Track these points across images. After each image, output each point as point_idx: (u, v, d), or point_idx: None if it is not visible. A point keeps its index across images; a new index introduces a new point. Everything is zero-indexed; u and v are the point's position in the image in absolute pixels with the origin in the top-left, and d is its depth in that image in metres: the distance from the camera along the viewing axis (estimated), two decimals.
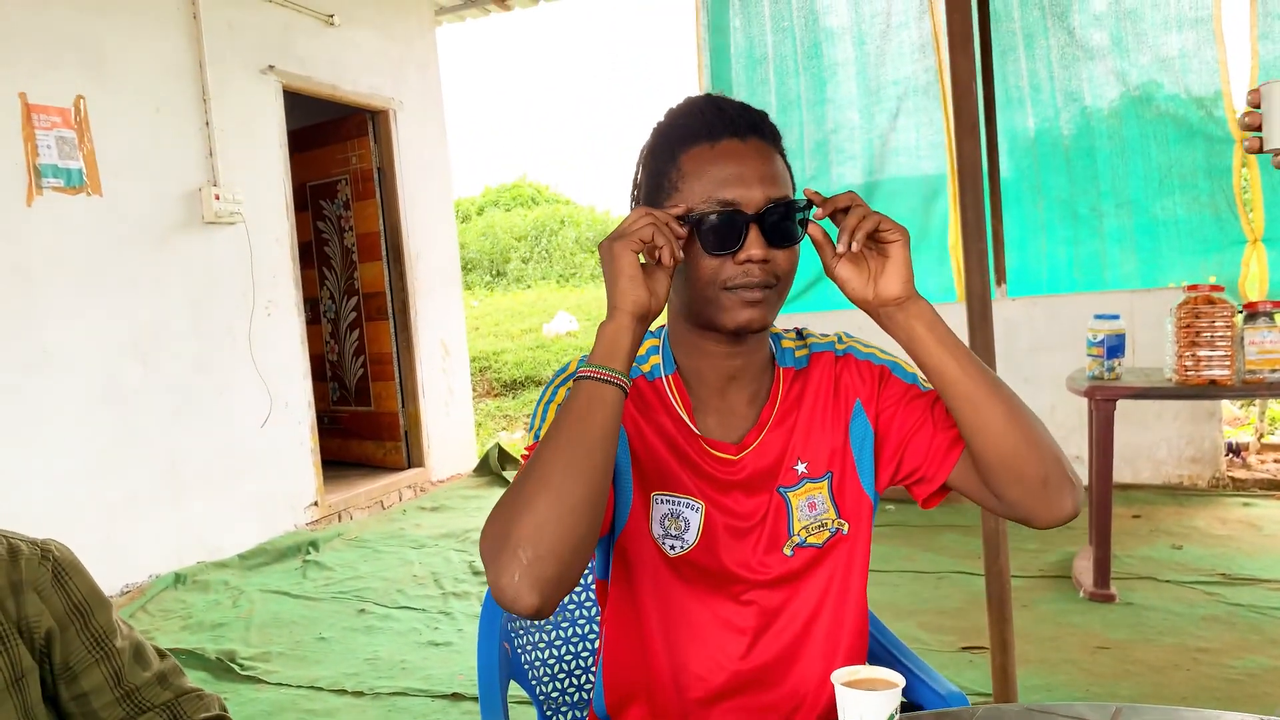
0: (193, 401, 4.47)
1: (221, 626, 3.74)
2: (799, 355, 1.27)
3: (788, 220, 1.10)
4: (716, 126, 1.11)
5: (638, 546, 1.20)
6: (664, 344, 1.25)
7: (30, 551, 1.07)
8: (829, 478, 1.22)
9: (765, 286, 1.11)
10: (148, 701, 1.11)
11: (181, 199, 4.43)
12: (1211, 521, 4.25)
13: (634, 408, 1.20)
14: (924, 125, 5.04)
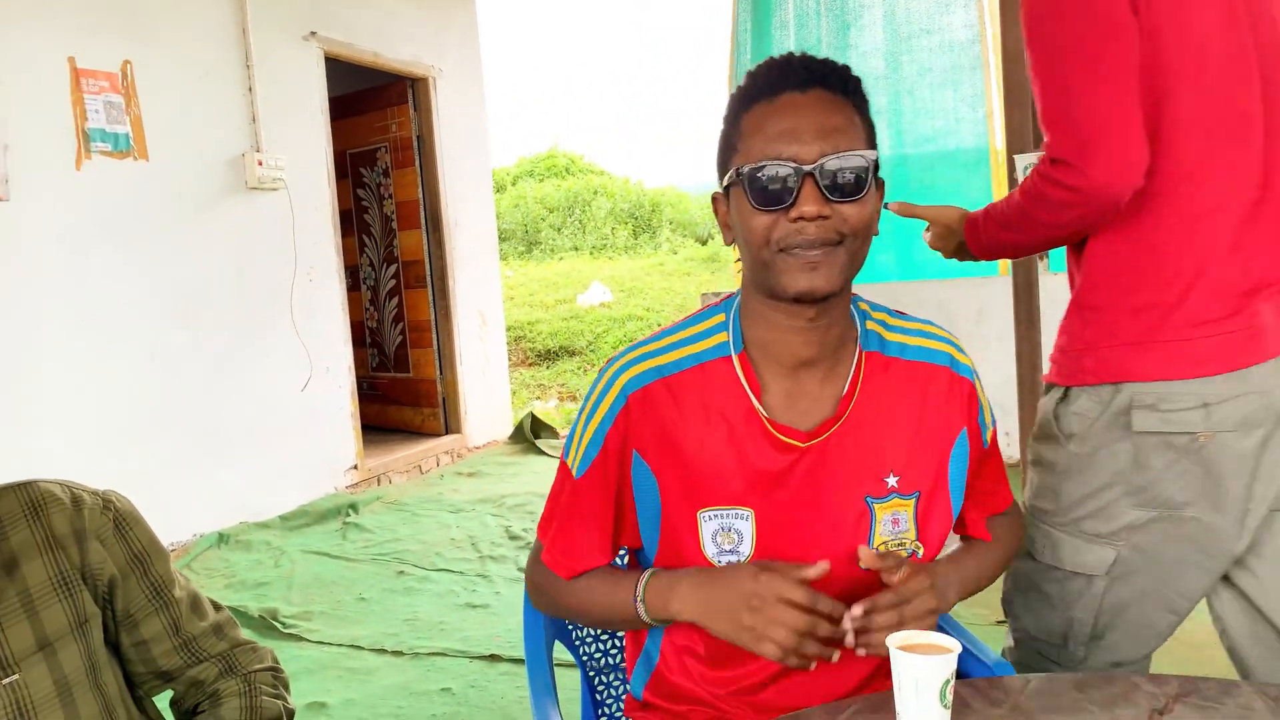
0: (236, 365, 4.54)
1: (264, 585, 3.82)
2: (892, 340, 1.18)
3: (851, 172, 1.03)
4: (778, 81, 1.06)
5: (688, 565, 1.15)
6: (733, 318, 1.17)
7: (92, 501, 1.09)
8: (916, 497, 1.15)
9: (825, 245, 1.03)
10: (204, 651, 1.14)
11: (225, 165, 4.47)
12: None
13: (659, 416, 1.13)
14: (964, 87, 4.81)
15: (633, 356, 1.16)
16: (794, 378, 1.13)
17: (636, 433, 1.13)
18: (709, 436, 1.12)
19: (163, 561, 1.14)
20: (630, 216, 13.83)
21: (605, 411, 1.14)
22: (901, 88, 4.85)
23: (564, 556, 1.19)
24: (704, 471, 1.12)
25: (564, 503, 1.19)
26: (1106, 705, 0.91)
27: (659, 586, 1.09)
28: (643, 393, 1.13)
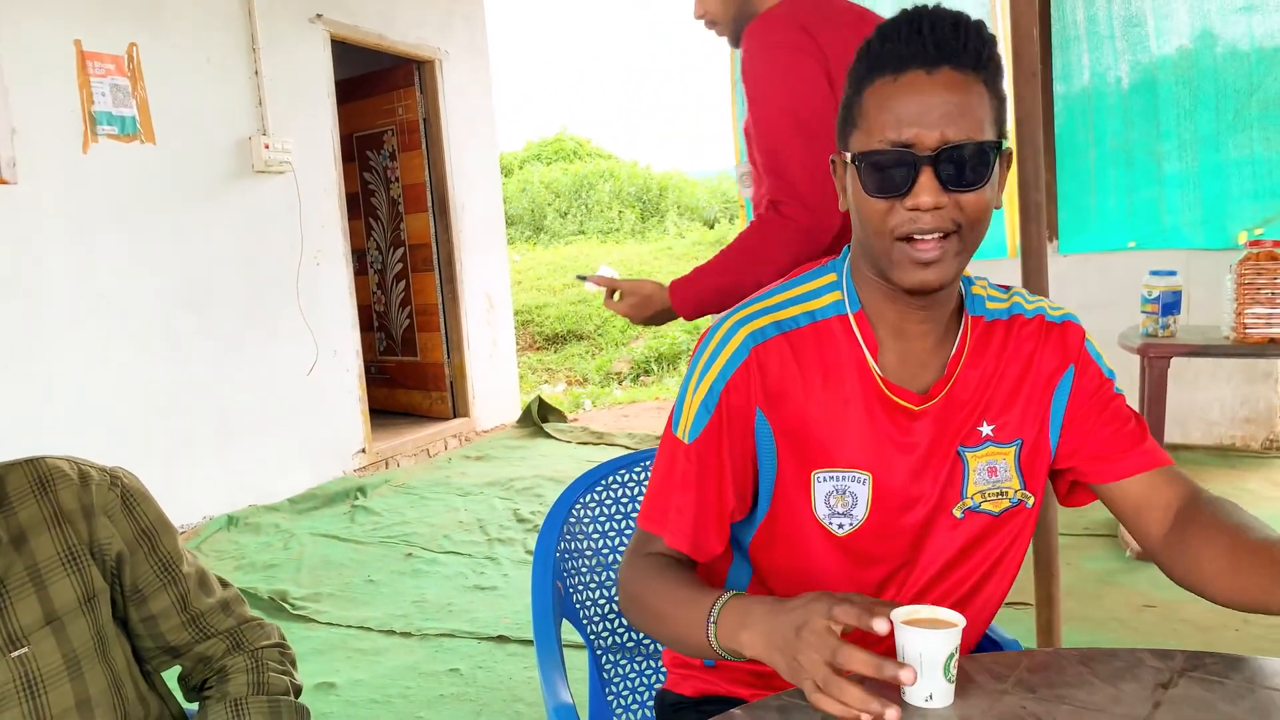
0: (244, 349, 4.55)
1: (273, 567, 3.84)
2: (994, 307, 1.17)
3: (971, 161, 0.99)
4: (905, 55, 1.00)
5: (799, 530, 1.14)
6: (846, 277, 1.14)
7: (100, 477, 1.10)
8: (1018, 444, 1.13)
9: (942, 235, 1.01)
10: (212, 627, 1.15)
11: (232, 148, 4.47)
12: (1263, 484, 4.18)
13: (780, 373, 1.10)
14: None
15: (750, 311, 1.13)
16: (907, 342, 1.11)
17: (760, 387, 1.10)
18: (828, 395, 1.10)
19: (170, 537, 1.15)
20: (637, 200, 13.78)
21: (722, 365, 1.10)
22: None
23: (688, 532, 1.12)
24: (821, 431, 1.10)
25: (679, 475, 1.13)
26: (1111, 679, 0.91)
27: (734, 613, 0.97)
28: (764, 346, 1.10)
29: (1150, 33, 4.38)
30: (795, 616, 0.89)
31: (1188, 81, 4.32)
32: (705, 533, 1.13)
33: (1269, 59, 4.13)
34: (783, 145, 1.69)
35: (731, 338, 1.11)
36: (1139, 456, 1.12)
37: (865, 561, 1.14)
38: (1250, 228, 4.20)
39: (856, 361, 1.10)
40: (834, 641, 0.86)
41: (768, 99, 1.72)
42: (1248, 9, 4.12)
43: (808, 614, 0.88)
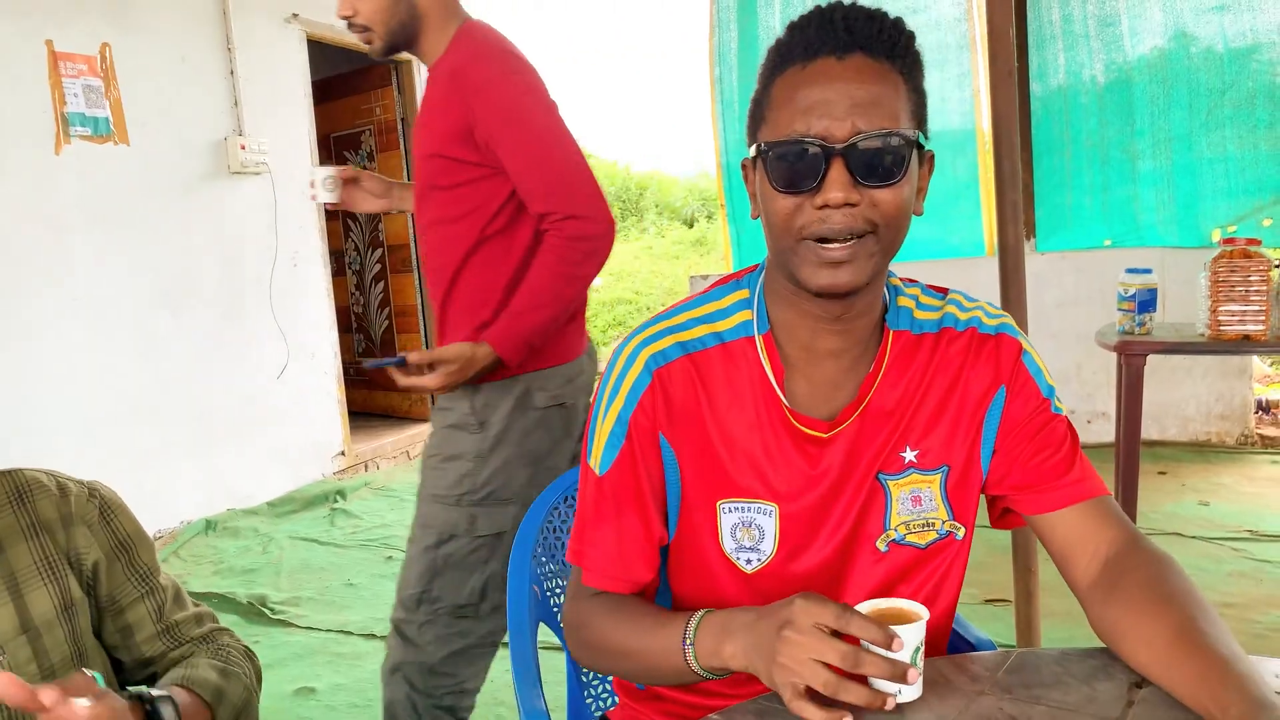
0: (221, 351, 4.51)
1: (252, 572, 3.81)
2: (923, 318, 1.08)
3: (886, 154, 0.91)
4: (815, 42, 0.93)
5: (706, 563, 1.08)
6: (758, 295, 1.07)
7: (78, 489, 1.09)
8: (944, 472, 1.06)
9: (854, 236, 0.93)
10: (184, 635, 1.15)
11: (207, 149, 4.43)
12: (1239, 479, 4.22)
13: (683, 397, 1.04)
14: (950, 69, 4.82)
15: (654, 330, 1.07)
16: (818, 364, 1.04)
17: (664, 411, 1.04)
18: (732, 422, 1.04)
19: (148, 550, 1.14)
20: (616, 200, 13.78)
21: (627, 391, 1.05)
22: None
23: (612, 567, 1.07)
24: (726, 458, 1.04)
25: (593, 508, 1.08)
26: (1086, 679, 0.92)
27: (712, 628, 0.93)
28: (668, 369, 1.04)
29: (1124, 32, 4.40)
30: (779, 617, 0.86)
31: (1161, 80, 4.33)
32: (630, 563, 1.07)
33: (1241, 58, 4.15)
34: (555, 158, 1.75)
35: (635, 360, 1.06)
36: (1068, 488, 1.04)
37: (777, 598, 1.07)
38: (1224, 225, 4.23)
39: (763, 387, 1.04)
40: (821, 638, 0.83)
41: (531, 115, 1.75)
42: (1220, 9, 4.15)
43: (793, 613, 0.85)
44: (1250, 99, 4.14)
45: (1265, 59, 4.05)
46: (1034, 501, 1.05)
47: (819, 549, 1.06)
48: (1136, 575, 0.96)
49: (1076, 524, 1.03)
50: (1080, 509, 1.03)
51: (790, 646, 0.84)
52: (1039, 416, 1.06)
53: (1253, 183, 4.20)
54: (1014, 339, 1.08)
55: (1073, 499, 1.04)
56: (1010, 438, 1.06)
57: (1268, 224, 4.07)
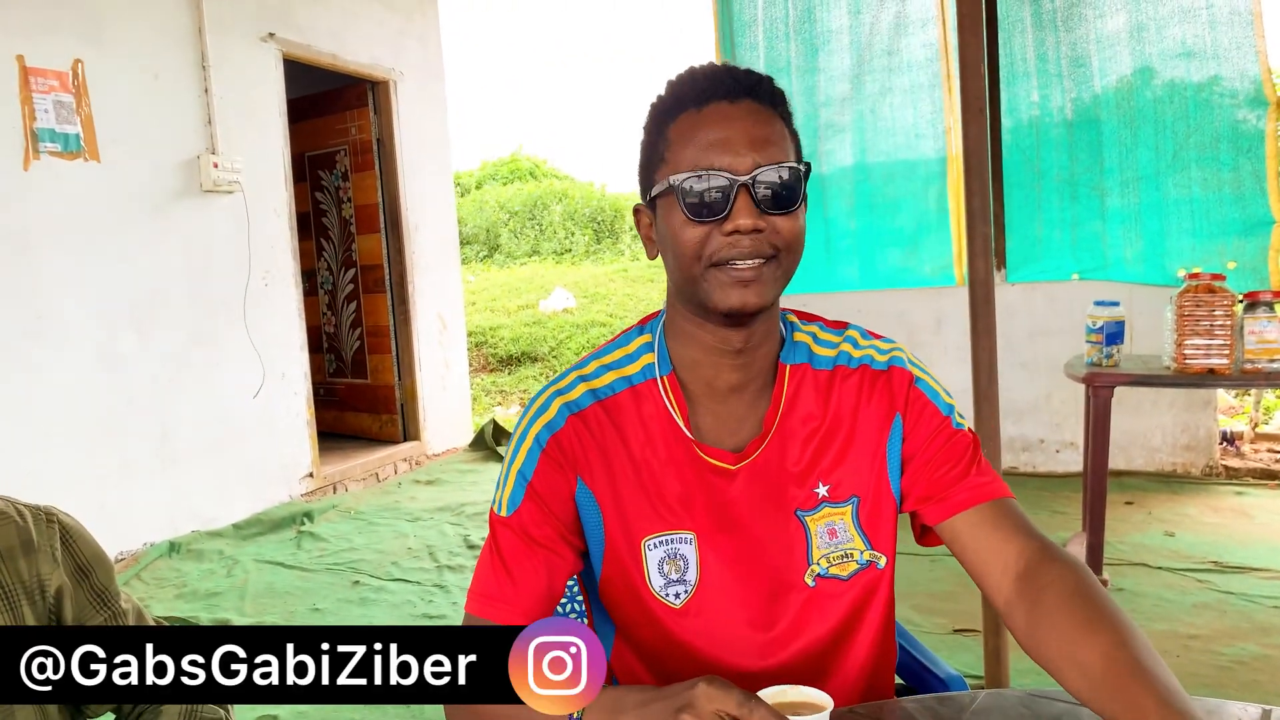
0: (188, 371, 4.46)
1: (216, 596, 3.75)
2: (821, 353, 1.14)
3: (785, 184, 0.99)
4: (705, 91, 1.02)
5: (637, 601, 1.10)
6: (659, 339, 1.13)
7: (35, 515, 1.07)
8: (854, 502, 1.10)
9: (760, 259, 0.99)
10: None
11: (180, 167, 4.39)
12: (1204, 509, 4.27)
13: (599, 441, 1.08)
14: (923, 104, 4.90)
15: (565, 383, 1.11)
16: (722, 400, 1.10)
17: (578, 457, 1.07)
18: (647, 460, 1.08)
19: (107, 572, 1.12)
20: (591, 221, 13.81)
21: (537, 434, 1.08)
22: (864, 106, 4.92)
23: (503, 598, 1.05)
24: (645, 498, 1.08)
25: (502, 551, 1.07)
26: None
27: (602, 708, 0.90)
28: (580, 416, 1.08)
29: (1094, 72, 4.47)
30: (679, 700, 0.84)
31: (1129, 121, 4.41)
32: (539, 600, 1.06)
33: (1204, 104, 4.23)
34: None
35: (547, 409, 1.09)
36: (967, 491, 1.07)
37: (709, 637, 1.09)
38: (1188, 266, 4.27)
39: (670, 425, 1.08)
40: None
41: None
42: (1185, 55, 4.24)
43: (694, 697, 0.83)
44: (1215, 142, 4.21)
45: (1228, 105, 4.14)
46: (937, 510, 1.09)
47: (743, 581, 1.08)
48: (1055, 591, 0.97)
49: (978, 528, 1.05)
50: (980, 511, 1.06)
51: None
52: (940, 434, 1.11)
53: (1217, 224, 4.27)
54: (904, 369, 1.13)
55: (972, 501, 1.07)
56: (915, 459, 1.11)
57: (1232, 266, 4.13)
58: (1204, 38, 4.11)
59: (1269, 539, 3.84)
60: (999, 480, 1.09)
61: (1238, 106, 4.14)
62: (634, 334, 1.15)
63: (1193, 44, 4.15)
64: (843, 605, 1.10)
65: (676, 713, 0.83)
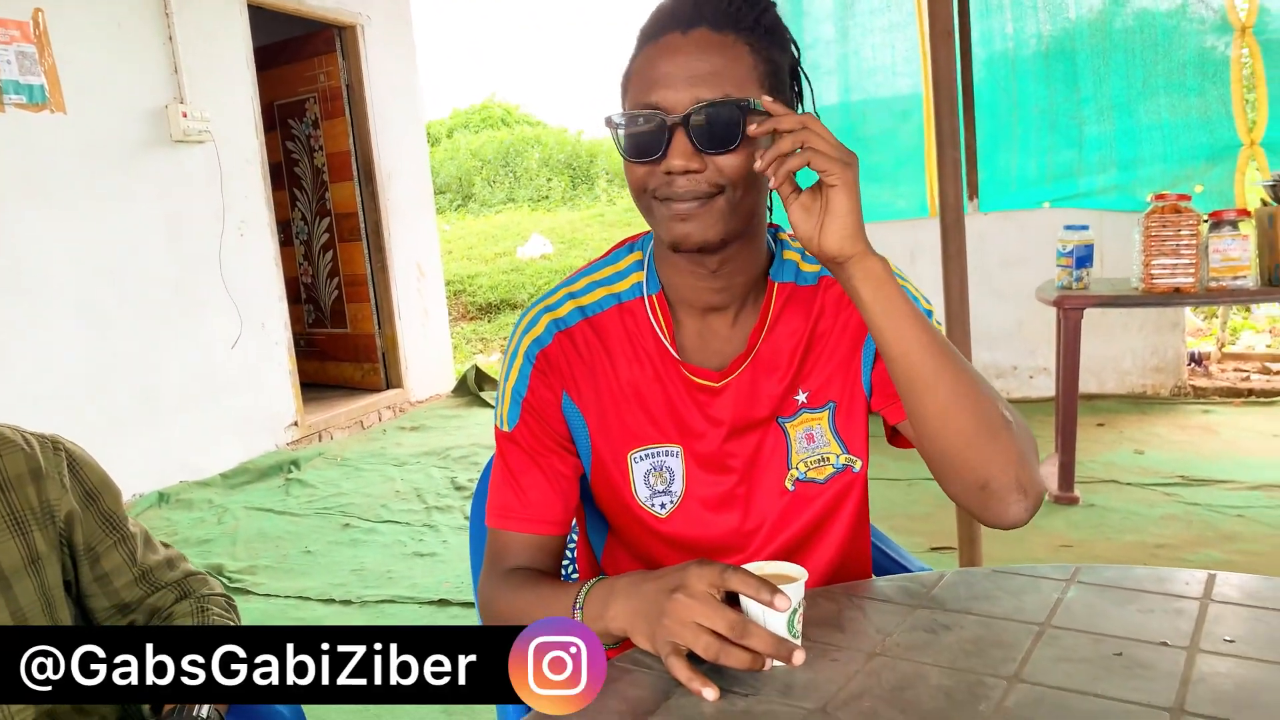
0: (169, 323, 4.46)
1: (208, 542, 3.80)
2: (807, 269, 1.13)
3: (725, 122, 0.95)
4: (665, 20, 0.99)
5: (624, 512, 1.14)
6: (648, 258, 1.13)
7: (42, 443, 1.11)
8: (830, 408, 1.12)
9: (699, 198, 0.97)
10: (160, 580, 1.17)
11: (148, 117, 4.35)
12: (1172, 428, 4.38)
13: (585, 356, 1.10)
14: (899, 41, 4.94)
15: (555, 299, 1.12)
16: (704, 319, 1.10)
17: (565, 373, 1.10)
18: (635, 376, 1.10)
19: (113, 497, 1.16)
20: (567, 167, 13.71)
21: (527, 349, 1.10)
22: (848, 48, 4.97)
23: (526, 509, 1.10)
24: (632, 411, 1.10)
25: (512, 463, 1.11)
26: (1015, 593, 0.98)
27: (599, 594, 0.96)
28: (568, 333, 1.10)
29: (1068, 2, 4.52)
30: (672, 580, 0.88)
31: (1101, 50, 4.48)
32: (552, 506, 1.11)
33: (1173, 31, 4.30)
34: None
35: (535, 325, 1.11)
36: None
37: (694, 547, 1.13)
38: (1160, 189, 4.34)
39: (656, 344, 1.10)
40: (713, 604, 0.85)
41: None
42: None
43: (686, 578, 0.87)
44: (1181, 69, 4.29)
45: (1195, 32, 4.21)
46: (898, 408, 1.09)
47: (726, 489, 1.12)
48: None
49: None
50: None
51: (679, 608, 0.86)
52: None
53: (1186, 149, 4.37)
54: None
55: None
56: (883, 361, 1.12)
57: (1199, 190, 4.21)
58: None
59: (1233, 453, 3.96)
60: None
61: (1204, 34, 4.21)
62: (624, 251, 1.16)
63: None
64: (819, 507, 1.13)
65: (670, 592, 0.87)
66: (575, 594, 0.97)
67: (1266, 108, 4.17)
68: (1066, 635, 0.88)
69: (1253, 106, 4.24)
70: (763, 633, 0.84)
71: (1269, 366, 5.16)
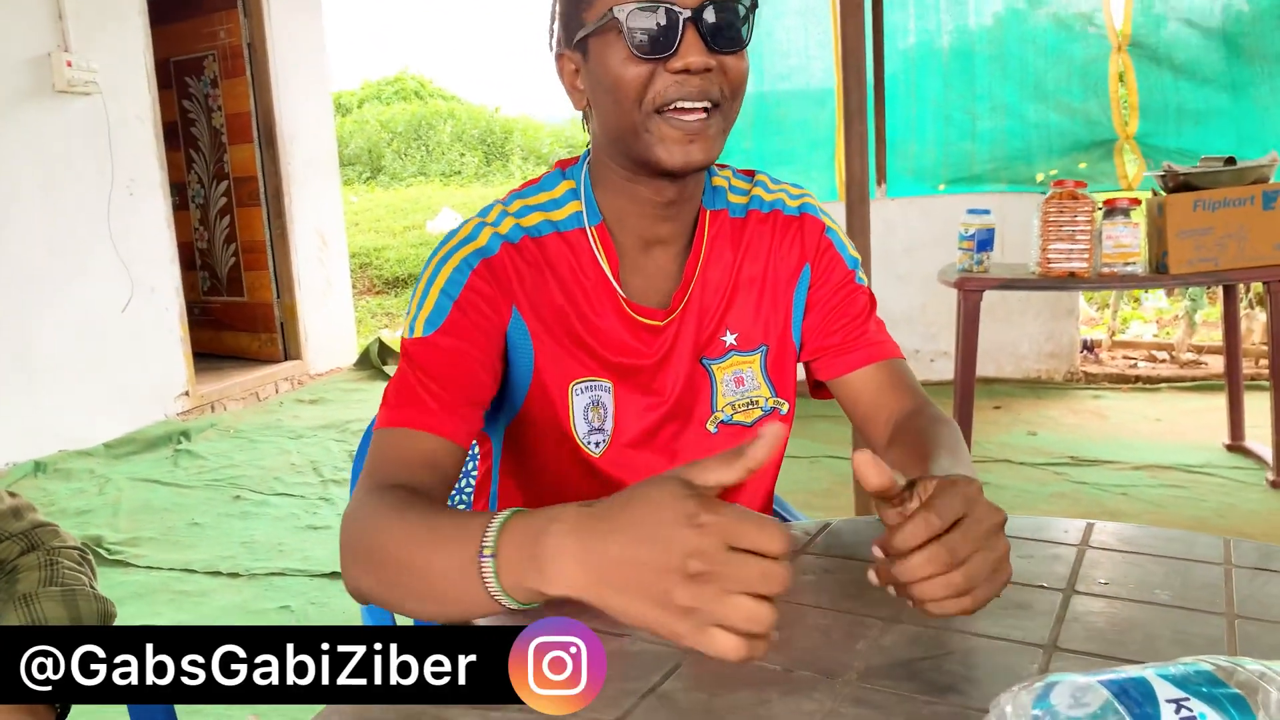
0: (46, 285, 4.22)
1: (87, 513, 3.62)
2: (735, 201, 1.11)
3: (737, 19, 0.92)
4: None
5: (551, 448, 1.07)
6: (584, 185, 1.06)
7: None
8: (762, 351, 1.10)
9: (709, 107, 0.93)
10: (4, 531, 1.08)
11: (27, 64, 4.10)
12: (1064, 411, 4.53)
13: (534, 273, 1.02)
14: (814, 27, 5.02)
15: (492, 216, 1.04)
16: (649, 253, 1.06)
17: (513, 287, 1.01)
18: (576, 305, 1.04)
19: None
20: (480, 143, 13.51)
21: (466, 255, 1.00)
22: (761, 30, 5.01)
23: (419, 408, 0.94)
24: (573, 341, 1.04)
25: (410, 368, 0.96)
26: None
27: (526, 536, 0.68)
28: (515, 247, 1.02)
29: (970, 12, 4.87)
30: (679, 542, 0.59)
31: (999, 56, 4.86)
32: (465, 415, 0.96)
33: (1064, 42, 4.75)
34: None
35: (476, 236, 1.02)
36: (862, 350, 1.10)
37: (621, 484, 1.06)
38: (1046, 170, 4.77)
39: (598, 278, 1.04)
40: (749, 564, 0.58)
41: None
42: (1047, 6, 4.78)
43: (698, 540, 0.59)
44: (1067, 77, 4.77)
45: (1079, 47, 4.73)
46: (833, 365, 1.11)
47: (651, 430, 1.08)
48: (914, 425, 1.02)
49: (870, 384, 1.09)
50: (873, 369, 1.09)
51: (708, 587, 0.58)
52: (844, 288, 1.12)
53: (1070, 144, 4.81)
54: (816, 218, 1.13)
55: (866, 360, 1.10)
56: (817, 309, 1.12)
57: (1083, 166, 4.67)
58: None
59: (1121, 436, 4.11)
60: (891, 340, 1.12)
61: (1088, 47, 4.70)
62: (556, 178, 1.09)
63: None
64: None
65: (685, 558, 0.59)
66: (482, 530, 0.70)
67: (1137, 110, 4.69)
68: None
69: (1127, 109, 4.73)
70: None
71: (1155, 355, 5.38)
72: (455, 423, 0.94)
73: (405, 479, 0.88)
